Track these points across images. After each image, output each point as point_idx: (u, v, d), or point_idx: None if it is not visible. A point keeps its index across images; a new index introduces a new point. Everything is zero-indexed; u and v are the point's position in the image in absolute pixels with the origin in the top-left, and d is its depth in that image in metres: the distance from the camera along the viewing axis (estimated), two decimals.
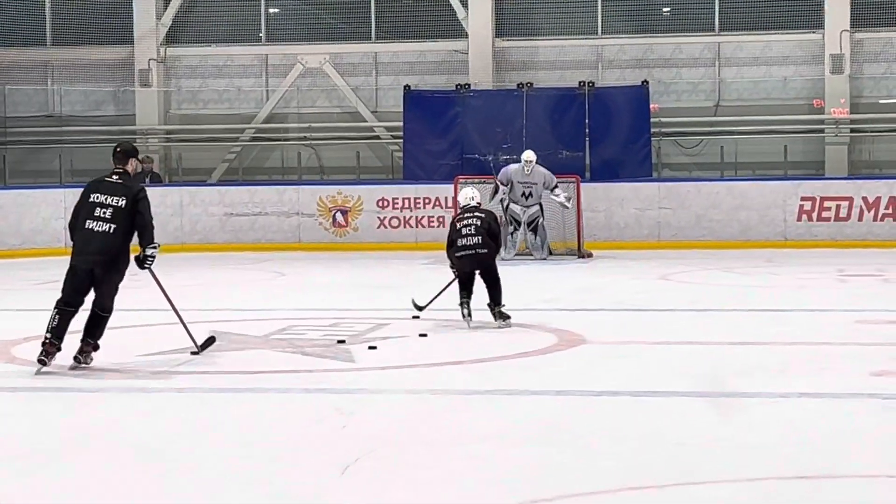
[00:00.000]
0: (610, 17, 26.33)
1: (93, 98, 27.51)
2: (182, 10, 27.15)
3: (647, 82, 24.60)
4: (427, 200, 23.65)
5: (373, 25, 27.02)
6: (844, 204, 22.89)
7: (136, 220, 10.56)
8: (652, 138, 24.43)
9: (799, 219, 22.91)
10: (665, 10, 26.74)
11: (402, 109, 25.06)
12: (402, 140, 25.15)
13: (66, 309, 10.54)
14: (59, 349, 10.32)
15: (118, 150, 11.06)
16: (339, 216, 23.90)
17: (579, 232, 21.83)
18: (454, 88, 25.05)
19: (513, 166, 21.34)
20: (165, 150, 27.34)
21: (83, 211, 10.56)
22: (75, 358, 10.44)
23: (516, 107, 24.16)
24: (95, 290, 10.59)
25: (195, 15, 27.36)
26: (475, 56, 26.25)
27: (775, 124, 25.66)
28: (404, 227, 23.74)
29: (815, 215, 22.92)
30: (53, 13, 27.67)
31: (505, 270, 18.63)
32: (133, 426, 8.40)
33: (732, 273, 19.02)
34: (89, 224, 10.49)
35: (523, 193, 20.87)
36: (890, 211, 22.66)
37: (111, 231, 10.44)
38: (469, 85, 25.27)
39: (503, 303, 13.10)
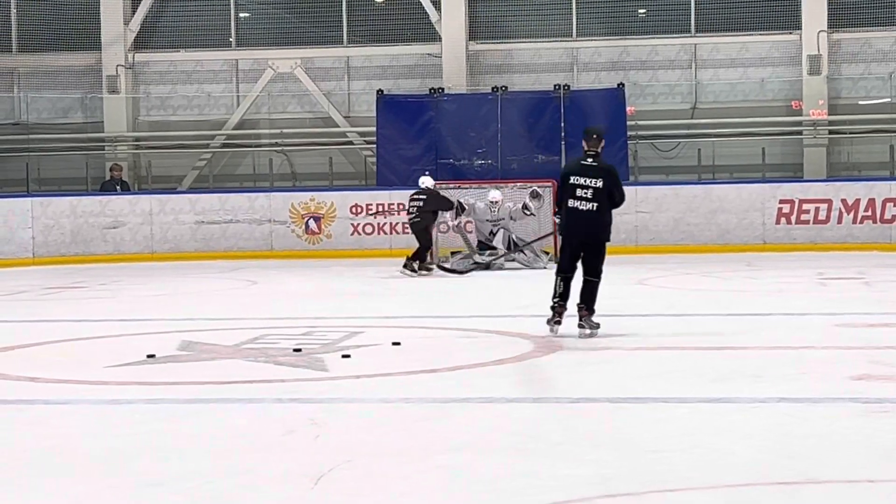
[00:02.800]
0: (585, 20, 26.38)
1: (60, 105, 27.44)
2: (150, 14, 27.10)
3: (623, 85, 24.67)
4: (401, 206, 23.63)
5: (345, 29, 27.01)
6: (823, 206, 22.97)
7: (614, 196, 12.31)
8: (628, 141, 24.49)
9: (778, 222, 22.99)
10: (640, 11, 26.80)
11: (375, 114, 25.09)
12: (375, 145, 25.17)
13: (566, 276, 12.40)
14: (565, 308, 12.40)
15: (594, 135, 12.35)
16: (311, 223, 23.89)
17: (555, 236, 21.82)
18: (428, 92, 25.09)
19: (479, 205, 21.24)
20: (134, 158, 27.27)
21: (565, 192, 12.32)
22: (579, 325, 12.24)
23: (491, 111, 24.20)
24: (584, 261, 12.40)
25: (164, 20, 27.31)
26: (449, 60, 26.26)
27: (753, 126, 25.74)
28: (378, 233, 23.74)
29: (793, 218, 23.00)
30: (19, 19, 27.58)
31: (481, 278, 18.69)
32: (102, 439, 8.36)
33: (711, 277, 19.06)
34: (572, 203, 12.21)
35: (491, 231, 20.94)
36: (869, 213, 22.75)
37: (594, 209, 12.16)
38: (443, 89, 25.30)
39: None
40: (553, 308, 12.40)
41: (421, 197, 20.44)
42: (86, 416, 9.15)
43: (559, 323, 12.38)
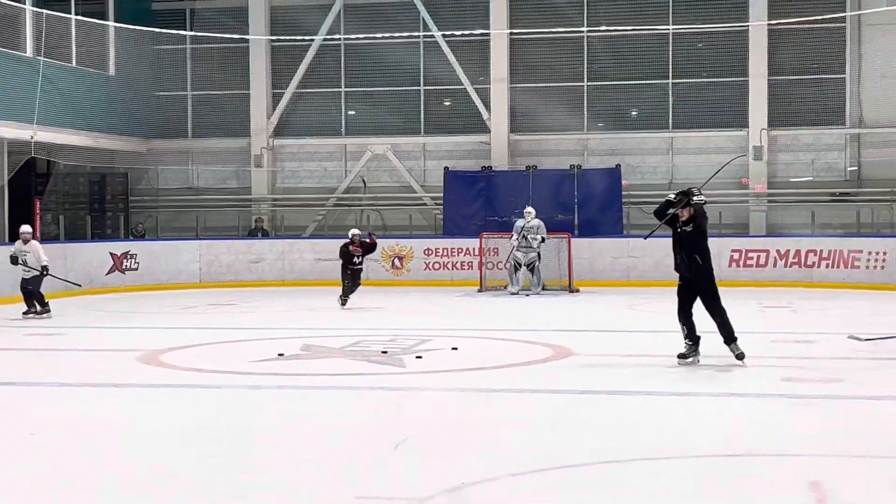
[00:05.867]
0: (593, 119, 26.35)
1: (220, 175, 27.69)
2: (285, 111, 27.35)
3: (620, 166, 24.65)
4: (460, 250, 23.63)
5: (422, 123, 27.12)
6: (763, 254, 22.76)
7: None
8: (623, 206, 24.41)
9: (730, 265, 22.77)
10: (633, 113, 26.73)
11: (442, 184, 25.19)
12: (442, 206, 25.25)
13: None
14: None
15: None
16: (396, 261, 23.92)
17: (570, 273, 21.78)
18: (480, 169, 25.18)
19: (519, 220, 21.50)
20: (272, 213, 27.46)
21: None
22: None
23: (525, 183, 24.25)
24: None
25: (294, 115, 27.53)
26: (496, 146, 26.30)
27: (713, 197, 25.53)
28: (443, 269, 23.74)
29: (741, 263, 22.80)
30: (193, 113, 27.90)
31: (514, 301, 18.65)
32: (245, 415, 8.41)
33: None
34: None
35: (524, 236, 21.04)
36: (797, 260, 22.52)
37: None
38: (491, 167, 25.37)
39: None
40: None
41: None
42: (234, 398, 9.22)
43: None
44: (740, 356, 10.68)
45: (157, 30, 25.81)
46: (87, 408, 8.80)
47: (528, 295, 20.69)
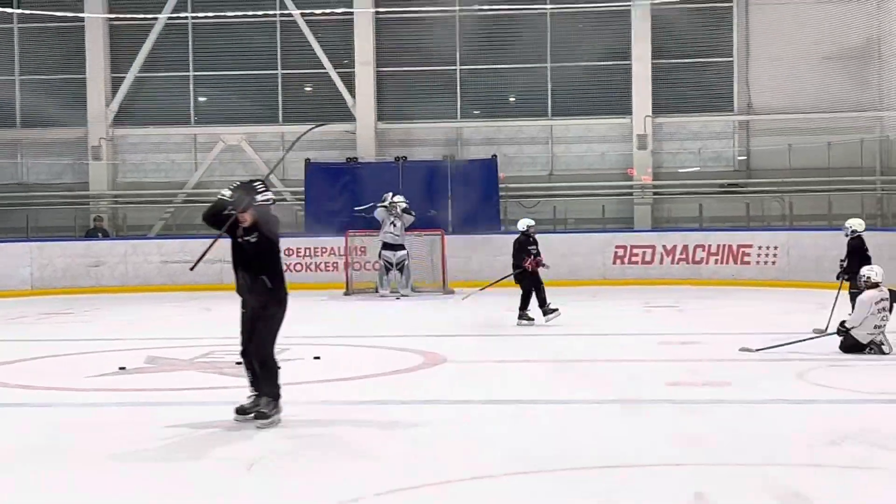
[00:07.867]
0: (467, 105, 26.55)
1: (54, 169, 27.05)
2: (127, 98, 26.86)
3: (496, 156, 24.87)
4: (323, 250, 23.57)
5: (280, 111, 26.95)
6: (649, 251, 23.24)
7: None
8: (499, 200, 24.63)
9: (614, 262, 23.22)
10: (510, 99, 27.02)
11: (304, 177, 25.05)
12: (304, 202, 25.10)
13: None
14: None
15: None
16: None
17: (444, 273, 21.91)
18: (345, 161, 25.11)
19: (380, 209, 21.63)
20: (113, 211, 26.94)
21: None
22: None
23: (394, 175, 24.25)
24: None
25: (137, 102, 27.07)
26: (361, 135, 26.29)
27: (595, 189, 26.01)
28: (306, 271, 23.63)
29: (626, 259, 23.24)
30: (22, 100, 27.20)
31: (384, 305, 18.69)
32: (82, 434, 8.24)
33: (564, 306, 19.13)
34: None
35: (392, 223, 21.24)
36: (684, 256, 23.05)
37: None
38: (357, 158, 25.34)
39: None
40: None
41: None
42: (69, 416, 9.02)
43: None
44: (259, 416, 8.34)
45: None
46: None
47: (398, 297, 20.74)
